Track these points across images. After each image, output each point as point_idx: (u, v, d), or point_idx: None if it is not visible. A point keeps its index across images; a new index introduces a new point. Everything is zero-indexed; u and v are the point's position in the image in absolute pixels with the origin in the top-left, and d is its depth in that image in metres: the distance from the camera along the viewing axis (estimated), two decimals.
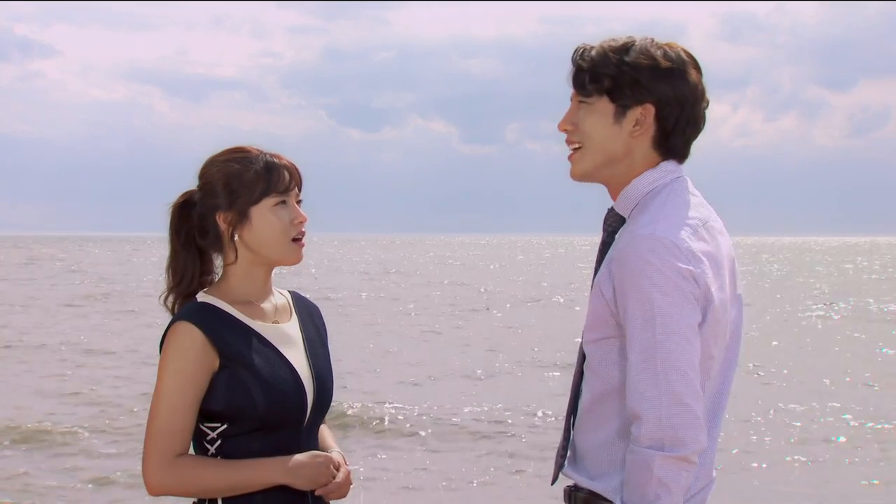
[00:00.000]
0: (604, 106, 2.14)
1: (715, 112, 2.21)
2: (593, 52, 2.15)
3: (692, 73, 2.13)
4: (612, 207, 2.21)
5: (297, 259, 2.32)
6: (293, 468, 2.22)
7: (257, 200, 2.27)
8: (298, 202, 2.33)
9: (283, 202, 2.29)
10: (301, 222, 2.30)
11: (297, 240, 2.31)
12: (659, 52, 2.12)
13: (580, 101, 2.17)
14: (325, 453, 2.29)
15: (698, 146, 2.21)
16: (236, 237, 2.29)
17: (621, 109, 2.12)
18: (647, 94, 2.11)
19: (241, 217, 2.28)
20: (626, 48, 2.13)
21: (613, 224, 2.19)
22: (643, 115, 2.12)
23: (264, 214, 2.27)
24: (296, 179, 2.32)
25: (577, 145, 2.18)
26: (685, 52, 2.16)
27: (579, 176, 2.20)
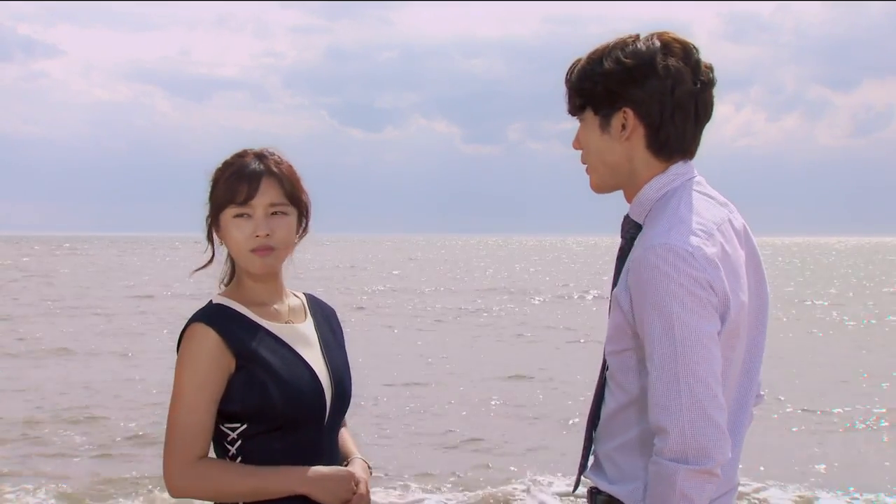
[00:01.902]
0: (590, 119, 2.17)
1: (718, 112, 2.19)
2: (576, 70, 2.18)
3: (667, 61, 2.09)
4: (628, 214, 2.20)
5: (257, 270, 2.30)
6: (316, 479, 2.21)
7: (221, 209, 2.31)
8: (278, 213, 2.29)
9: (245, 214, 2.28)
10: (260, 235, 2.27)
11: (257, 250, 2.28)
12: (627, 51, 2.11)
13: (579, 119, 2.21)
14: (347, 469, 2.29)
15: (700, 146, 2.18)
16: (217, 239, 2.35)
17: (604, 119, 2.14)
18: (620, 99, 2.12)
19: (215, 221, 2.34)
20: (602, 56, 2.14)
21: (631, 231, 2.18)
22: (625, 119, 2.12)
23: (227, 224, 2.30)
24: (266, 189, 2.28)
25: (585, 162, 2.21)
26: (666, 39, 2.12)
27: (595, 190, 2.23)
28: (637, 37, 2.14)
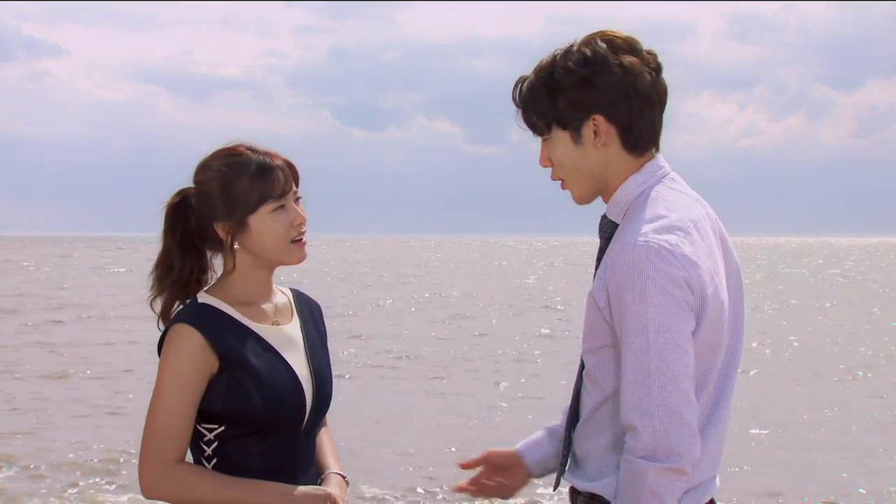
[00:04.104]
0: (559, 135, 2.15)
1: (721, 111, 2.14)
2: (526, 90, 2.17)
3: (620, 59, 2.09)
4: (605, 214, 2.20)
5: (299, 259, 2.29)
6: (291, 497, 2.18)
7: (254, 209, 2.24)
8: (297, 199, 2.29)
9: (282, 206, 2.25)
10: (300, 223, 2.27)
11: (297, 240, 2.27)
12: (577, 60, 2.10)
13: (542, 139, 2.18)
14: (324, 489, 2.25)
15: (703, 146, 2.24)
16: (237, 245, 2.27)
17: (575, 132, 2.13)
18: (588, 108, 2.10)
19: (240, 226, 2.25)
20: (551, 73, 2.12)
21: (609, 230, 2.18)
22: (597, 126, 2.11)
23: (263, 221, 2.24)
24: (291, 179, 2.29)
25: (560, 179, 2.20)
26: (608, 37, 2.12)
27: (579, 203, 2.22)
28: (575, 43, 2.13)
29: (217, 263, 2.36)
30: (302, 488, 2.21)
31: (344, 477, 2.35)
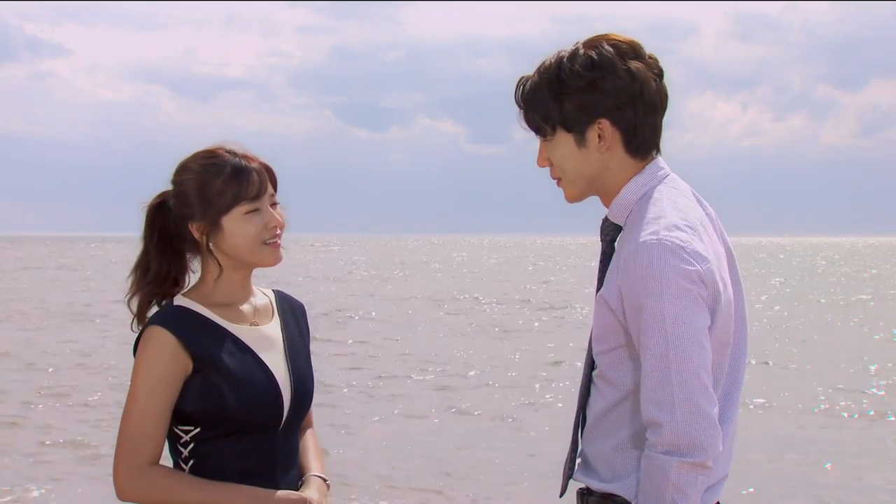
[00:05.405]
0: (563, 138, 2.15)
1: (723, 111, 2.14)
2: (530, 91, 2.17)
3: (627, 64, 2.10)
4: (606, 217, 2.21)
5: (272, 261, 2.29)
6: (265, 501, 2.18)
7: (227, 210, 2.25)
8: (274, 204, 2.30)
9: (256, 209, 2.25)
10: (274, 226, 2.27)
11: (270, 243, 2.27)
12: (585, 63, 2.10)
13: (542, 139, 2.19)
14: (299, 494, 2.23)
15: (706, 145, 2.22)
16: (211, 245, 2.27)
17: (579, 135, 2.13)
18: (595, 112, 2.11)
19: (213, 227, 2.26)
20: (558, 75, 2.13)
21: (611, 233, 2.19)
22: (602, 130, 2.12)
23: (236, 223, 2.25)
24: (268, 182, 2.29)
25: (558, 178, 2.21)
26: (613, 41, 2.13)
27: (572, 201, 2.23)
28: (580, 46, 2.14)
29: (196, 266, 2.35)
30: (277, 492, 2.20)
31: (325, 480, 2.33)
